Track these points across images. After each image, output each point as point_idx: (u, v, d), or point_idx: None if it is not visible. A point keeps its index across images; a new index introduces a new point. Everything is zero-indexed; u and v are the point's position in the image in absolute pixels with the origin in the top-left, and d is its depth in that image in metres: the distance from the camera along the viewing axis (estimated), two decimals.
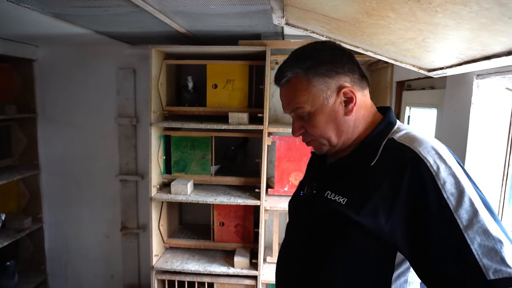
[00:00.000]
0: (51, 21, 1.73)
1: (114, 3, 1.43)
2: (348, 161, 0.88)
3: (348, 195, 0.80)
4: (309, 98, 0.85)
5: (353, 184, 0.82)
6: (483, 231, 0.66)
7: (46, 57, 2.66)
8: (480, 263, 0.64)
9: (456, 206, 0.68)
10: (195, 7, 1.49)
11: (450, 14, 0.71)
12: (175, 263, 2.22)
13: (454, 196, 0.69)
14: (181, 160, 2.33)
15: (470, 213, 0.67)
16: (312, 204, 0.90)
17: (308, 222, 0.90)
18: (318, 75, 0.84)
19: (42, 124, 2.74)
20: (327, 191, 0.85)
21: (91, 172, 2.76)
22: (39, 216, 2.78)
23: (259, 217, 2.13)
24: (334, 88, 0.85)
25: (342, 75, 0.85)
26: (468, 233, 0.66)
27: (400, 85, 1.98)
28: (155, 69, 2.13)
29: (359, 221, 0.76)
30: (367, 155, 0.83)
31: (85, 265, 2.89)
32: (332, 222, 0.82)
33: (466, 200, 0.68)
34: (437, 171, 0.71)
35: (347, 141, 0.89)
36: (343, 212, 0.79)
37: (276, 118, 2.56)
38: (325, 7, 1.02)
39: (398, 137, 0.81)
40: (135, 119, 2.63)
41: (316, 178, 0.94)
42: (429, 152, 0.74)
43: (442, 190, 0.70)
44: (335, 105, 0.85)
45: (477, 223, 0.67)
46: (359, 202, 0.77)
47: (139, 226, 2.77)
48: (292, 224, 1.01)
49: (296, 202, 1.02)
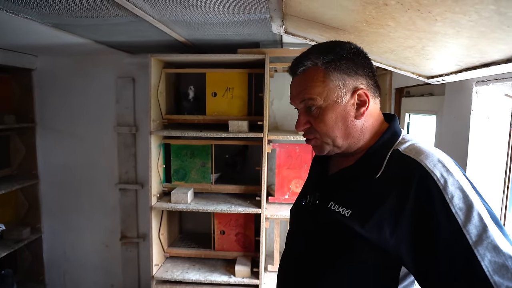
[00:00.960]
0: (50, 31, 1.74)
1: (113, 13, 1.44)
2: (352, 171, 0.85)
3: (353, 207, 0.79)
4: (323, 91, 0.81)
5: (358, 196, 0.80)
6: (493, 247, 0.65)
7: (45, 67, 2.67)
8: (491, 280, 0.63)
9: (465, 221, 0.67)
10: (194, 16, 1.49)
11: (450, 23, 0.72)
12: (175, 272, 2.21)
13: (463, 211, 0.67)
14: (181, 169, 2.33)
15: (480, 229, 0.66)
16: (315, 214, 0.88)
17: (310, 232, 0.89)
18: (338, 71, 0.81)
19: (41, 133, 2.73)
20: (331, 202, 0.83)
21: (91, 181, 2.75)
22: (38, 226, 2.76)
23: (260, 225, 2.12)
24: (350, 88, 0.82)
25: (361, 77, 0.83)
26: (478, 249, 0.65)
27: (399, 91, 1.99)
28: (154, 78, 2.14)
29: (363, 234, 0.75)
30: (371, 166, 0.81)
31: (84, 275, 2.87)
32: (336, 233, 0.81)
33: (475, 215, 0.67)
34: (445, 184, 0.69)
35: (352, 146, 0.86)
36: (348, 224, 0.77)
37: (276, 125, 2.56)
38: (324, 16, 1.02)
39: (403, 149, 0.79)
40: (134, 128, 2.63)
41: (318, 188, 0.92)
42: (436, 165, 0.72)
43: (450, 204, 0.68)
44: (348, 105, 0.82)
45: (486, 238, 0.65)
46: (364, 215, 0.76)
47: (139, 235, 2.75)
48: (293, 233, 0.99)
49: (298, 211, 1.00)
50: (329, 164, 0.97)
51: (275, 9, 1.23)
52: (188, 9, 1.38)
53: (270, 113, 2.51)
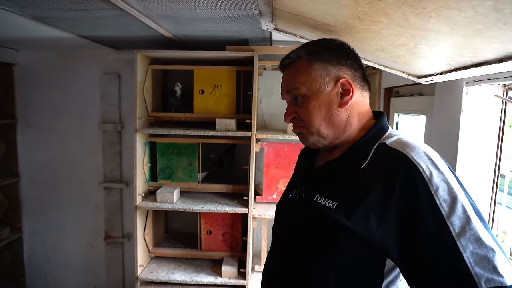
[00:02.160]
0: (32, 24, 1.67)
1: (97, 6, 1.39)
2: (337, 164, 0.85)
3: (338, 199, 0.79)
4: (306, 80, 0.84)
5: (343, 188, 0.80)
6: (475, 239, 0.65)
7: (27, 61, 2.58)
8: (472, 271, 0.64)
9: (449, 212, 0.67)
10: (182, 11, 1.45)
11: (444, 20, 0.70)
12: (160, 273, 2.16)
13: (447, 203, 0.68)
14: (167, 167, 2.28)
15: (463, 220, 0.66)
16: (301, 208, 0.88)
17: (297, 226, 0.88)
18: (320, 60, 0.84)
19: (22, 130, 2.64)
20: (317, 195, 0.83)
21: (74, 179, 2.67)
22: (18, 226, 2.67)
23: (247, 225, 2.09)
24: (333, 76, 0.84)
25: (344, 67, 0.84)
26: (460, 241, 0.65)
27: (388, 91, 1.98)
28: (140, 74, 2.08)
29: (349, 227, 0.74)
30: (357, 158, 0.81)
31: (66, 275, 2.79)
32: (322, 227, 0.80)
33: (459, 207, 0.67)
34: (430, 176, 0.70)
35: (338, 137, 0.86)
36: (333, 217, 0.77)
37: (264, 124, 2.54)
38: (315, 11, 1.00)
39: (390, 142, 0.79)
40: (119, 125, 2.57)
41: (304, 181, 0.92)
42: (422, 158, 0.72)
43: (434, 196, 0.68)
44: (331, 94, 0.84)
45: (469, 230, 0.66)
46: (350, 207, 0.76)
47: (123, 235, 2.69)
48: (280, 229, 0.98)
49: (284, 206, 0.99)
50: (316, 158, 0.97)
51: (264, 4, 1.20)
52: (175, 3, 1.34)
53: (258, 112, 2.48)
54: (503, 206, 1.29)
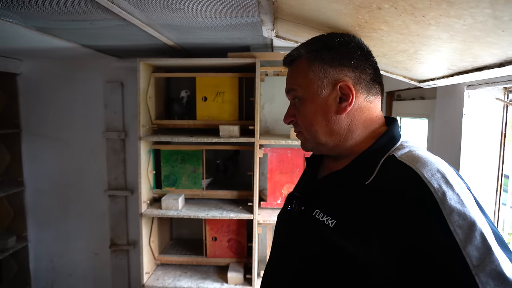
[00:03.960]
0: (35, 35, 1.69)
1: (100, 17, 1.41)
2: (341, 177, 0.77)
3: (337, 217, 0.71)
4: (304, 81, 0.78)
5: (344, 205, 0.73)
6: (497, 275, 0.55)
7: (31, 71, 2.60)
8: None
9: (465, 241, 0.57)
10: (183, 20, 1.47)
11: (444, 27, 0.71)
12: (166, 280, 2.16)
13: (463, 229, 0.58)
14: (171, 175, 2.29)
15: (482, 251, 0.56)
16: (299, 222, 0.81)
17: (292, 241, 0.82)
18: (320, 60, 0.77)
19: (27, 139, 2.67)
20: (316, 210, 0.76)
21: (79, 188, 2.69)
22: (24, 235, 2.68)
23: (252, 231, 2.09)
24: (331, 79, 0.76)
25: (346, 68, 0.76)
26: (479, 276, 0.55)
27: (390, 95, 1.99)
28: (143, 82, 2.10)
29: (347, 250, 0.67)
30: (362, 172, 0.73)
31: (72, 284, 2.79)
32: (318, 247, 0.73)
33: (477, 235, 0.57)
34: (443, 197, 0.60)
35: (340, 145, 0.79)
36: (331, 237, 0.70)
37: (267, 130, 2.55)
38: (316, 20, 1.01)
39: (399, 155, 0.71)
40: (123, 133, 2.59)
41: (305, 192, 0.84)
42: (434, 175, 0.63)
43: (447, 221, 0.59)
44: (328, 99, 0.76)
45: (490, 264, 0.55)
46: (349, 227, 0.69)
47: (129, 242, 2.70)
48: (277, 242, 0.91)
49: (283, 218, 0.92)
50: (321, 167, 0.90)
51: (265, 13, 1.22)
52: (177, 12, 1.35)
53: (261, 117, 2.49)
54: (507, 207, 1.29)
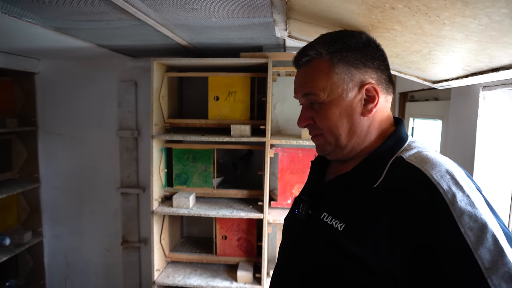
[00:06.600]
0: (53, 35, 1.73)
1: (116, 17, 1.43)
2: (349, 179, 0.77)
3: (346, 220, 0.71)
4: (327, 85, 0.74)
5: (353, 208, 0.72)
6: (510, 277, 0.54)
7: (48, 70, 2.66)
8: None
9: (476, 243, 0.56)
10: (197, 20, 1.48)
11: (458, 27, 0.70)
12: (177, 277, 2.19)
13: (474, 231, 0.57)
14: (183, 173, 2.31)
15: (494, 253, 0.55)
16: (307, 226, 0.80)
17: (301, 245, 0.80)
18: (344, 62, 0.74)
19: (43, 137, 2.73)
20: (324, 213, 0.76)
21: (92, 185, 2.74)
22: (39, 230, 2.75)
23: (262, 230, 2.10)
24: (357, 81, 0.74)
25: (370, 69, 0.75)
26: (492, 278, 0.54)
27: (403, 96, 1.97)
28: (156, 82, 2.13)
29: (356, 253, 0.66)
30: (370, 174, 0.72)
31: (85, 279, 2.85)
32: (327, 250, 0.72)
33: (488, 237, 0.56)
34: (453, 199, 0.59)
35: (356, 147, 0.78)
36: (340, 240, 0.69)
37: (279, 130, 2.55)
38: (329, 20, 1.01)
39: (407, 156, 0.70)
40: (136, 132, 2.62)
41: (312, 196, 0.83)
42: (443, 177, 0.62)
43: (458, 223, 0.58)
44: (354, 101, 0.75)
45: (503, 266, 0.55)
46: (358, 230, 0.68)
47: (140, 239, 2.73)
48: (285, 246, 0.90)
49: (291, 221, 0.91)
50: (327, 170, 0.89)
51: (278, 13, 1.22)
52: (191, 13, 1.37)
53: (272, 117, 2.49)
54: None
